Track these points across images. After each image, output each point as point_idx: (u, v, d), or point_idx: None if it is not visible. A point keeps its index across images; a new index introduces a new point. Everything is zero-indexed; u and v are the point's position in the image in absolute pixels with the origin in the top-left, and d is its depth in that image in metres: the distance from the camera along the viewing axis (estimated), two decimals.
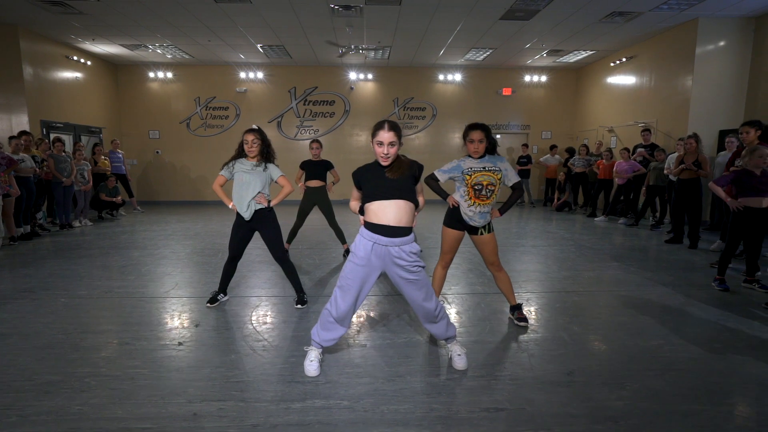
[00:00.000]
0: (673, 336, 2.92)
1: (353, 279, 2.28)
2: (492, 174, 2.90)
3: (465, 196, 2.93)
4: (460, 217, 2.98)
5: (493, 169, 2.91)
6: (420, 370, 2.47)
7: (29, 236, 6.38)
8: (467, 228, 3.02)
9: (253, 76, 10.83)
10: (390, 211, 2.22)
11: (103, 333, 2.95)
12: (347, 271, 2.30)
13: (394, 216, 2.22)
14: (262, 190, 3.30)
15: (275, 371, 2.44)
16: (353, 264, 2.28)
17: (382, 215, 2.22)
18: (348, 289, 2.30)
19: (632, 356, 2.64)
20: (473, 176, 2.89)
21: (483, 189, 2.89)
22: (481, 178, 2.89)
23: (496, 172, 2.91)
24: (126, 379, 2.33)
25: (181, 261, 5.04)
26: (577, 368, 2.48)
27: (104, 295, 3.78)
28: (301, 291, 3.54)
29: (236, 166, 3.32)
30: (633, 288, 4.04)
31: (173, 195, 11.25)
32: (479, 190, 2.89)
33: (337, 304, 2.33)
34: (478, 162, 2.91)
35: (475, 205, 2.92)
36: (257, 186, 3.27)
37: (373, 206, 2.25)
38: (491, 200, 2.94)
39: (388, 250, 2.24)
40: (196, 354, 2.66)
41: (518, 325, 3.12)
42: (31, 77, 8.08)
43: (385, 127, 2.24)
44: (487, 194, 2.90)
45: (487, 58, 10.09)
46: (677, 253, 5.49)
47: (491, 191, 2.91)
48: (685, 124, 7.62)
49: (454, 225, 3.03)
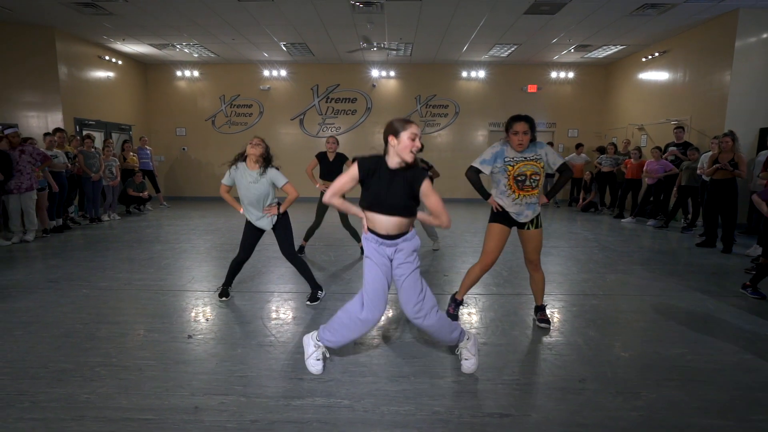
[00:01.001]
0: (698, 345, 2.76)
1: (376, 279, 2.24)
2: (534, 163, 2.76)
3: (507, 190, 2.79)
4: (507, 213, 2.86)
5: (535, 158, 2.77)
6: (425, 370, 2.42)
7: (61, 229, 6.65)
8: (514, 223, 2.90)
9: (277, 74, 10.95)
10: (390, 225, 2.21)
11: (118, 324, 3.03)
12: (369, 276, 2.25)
13: (394, 227, 2.21)
14: (270, 201, 3.33)
15: (279, 367, 2.43)
16: (372, 263, 2.26)
17: (381, 226, 2.22)
18: (376, 292, 2.23)
19: (650, 364, 2.50)
20: (516, 167, 2.75)
21: (527, 179, 2.75)
22: (524, 168, 2.75)
23: (538, 160, 2.77)
24: (134, 370, 2.38)
25: (200, 255, 5.14)
26: (591, 375, 2.38)
27: (124, 287, 3.89)
28: (316, 287, 3.54)
29: (237, 173, 3.29)
30: (657, 293, 3.85)
31: (198, 191, 11.52)
32: (522, 181, 2.76)
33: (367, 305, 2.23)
34: (519, 152, 2.78)
35: (521, 198, 2.78)
36: (264, 198, 3.29)
37: (373, 216, 2.22)
38: (537, 190, 2.80)
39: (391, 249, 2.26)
40: (204, 347, 2.69)
41: (539, 326, 3.02)
42: (66, 77, 8.41)
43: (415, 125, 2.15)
44: (532, 184, 2.77)
45: (512, 54, 9.87)
46: (709, 257, 5.21)
47: (535, 181, 2.77)
48: (722, 121, 7.23)
49: (501, 220, 2.89)
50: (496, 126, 11.19)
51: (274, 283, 4.07)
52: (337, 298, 3.65)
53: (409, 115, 11.13)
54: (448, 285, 4.03)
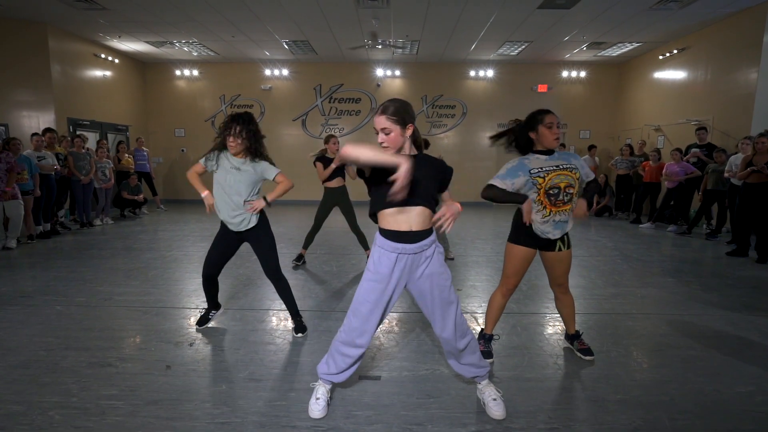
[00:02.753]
0: (765, 381, 2.34)
1: (372, 301, 1.86)
2: (569, 173, 2.29)
3: (537, 206, 2.31)
4: (531, 230, 2.37)
5: (569, 167, 2.30)
6: (444, 415, 2.01)
7: (49, 234, 6.29)
8: (542, 244, 2.42)
9: (278, 74, 10.60)
10: (414, 215, 1.81)
11: (87, 350, 2.64)
12: (363, 292, 1.88)
13: (419, 219, 1.81)
14: (249, 196, 2.70)
15: (268, 410, 2.04)
16: (371, 283, 1.86)
17: (402, 220, 1.81)
18: (365, 314, 1.87)
19: (714, 408, 2.09)
20: (547, 178, 2.26)
21: (560, 193, 2.28)
22: (556, 180, 2.26)
23: (573, 170, 2.30)
24: (95, 414, 1.99)
25: (191, 265, 4.76)
26: (644, 423, 1.96)
27: (102, 303, 3.51)
28: (297, 315, 2.94)
29: (221, 161, 2.69)
30: (699, 311, 3.43)
31: (197, 194, 11.09)
32: (555, 195, 2.28)
33: (350, 328, 1.91)
34: (547, 159, 2.30)
35: (552, 214, 2.31)
36: (243, 189, 2.67)
37: (392, 212, 1.81)
38: (570, 205, 2.34)
39: (413, 258, 1.84)
40: (182, 381, 2.30)
41: (583, 358, 2.58)
42: (59, 75, 8.08)
43: (379, 110, 1.82)
44: (565, 198, 2.29)
45: (522, 52, 9.47)
46: (744, 269, 4.78)
47: (569, 194, 2.30)
48: (749, 121, 6.79)
49: (525, 241, 2.41)
50: (505, 127, 10.74)
51: (269, 298, 3.67)
52: (341, 318, 3.24)
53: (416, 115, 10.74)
54: (462, 302, 3.62)
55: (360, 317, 1.88)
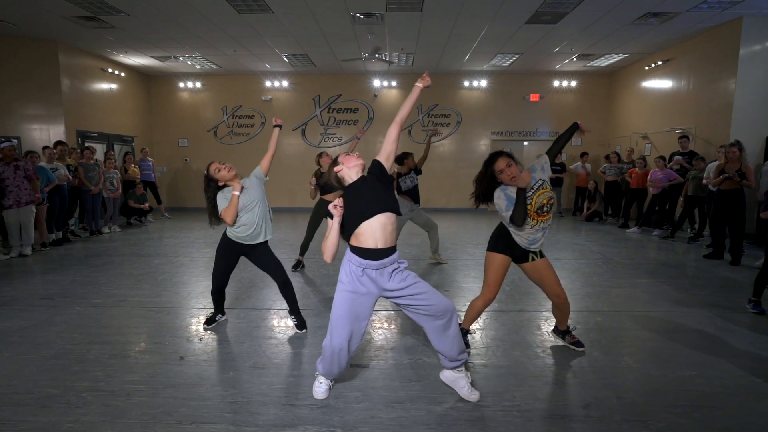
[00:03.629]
0: (707, 367, 2.65)
1: (342, 303, 2.10)
2: (544, 190, 2.59)
3: (529, 220, 2.59)
4: (510, 241, 2.64)
5: (541, 185, 2.60)
6: (423, 396, 2.33)
7: (60, 242, 6.62)
8: (516, 255, 2.69)
9: (278, 85, 10.98)
10: (379, 228, 2.05)
11: (109, 344, 2.96)
12: (337, 302, 2.12)
13: (383, 232, 2.06)
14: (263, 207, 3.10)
15: (272, 392, 2.35)
16: (343, 292, 2.11)
17: (369, 236, 2.05)
18: (339, 322, 2.11)
19: (658, 389, 2.40)
20: (533, 202, 2.56)
21: (545, 206, 2.60)
22: (541, 199, 2.58)
23: (543, 184, 2.60)
24: (122, 395, 2.30)
25: (198, 270, 5.08)
26: (595, 400, 2.27)
27: (118, 304, 3.83)
28: (298, 313, 3.27)
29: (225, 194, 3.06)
30: (665, 309, 3.74)
31: (201, 202, 11.36)
32: (542, 209, 2.59)
33: (332, 338, 2.15)
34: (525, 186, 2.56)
35: (538, 223, 2.59)
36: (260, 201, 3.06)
37: (359, 230, 2.06)
38: (551, 213, 2.66)
39: (379, 273, 2.10)
40: (195, 369, 2.61)
41: (575, 350, 2.88)
42: (68, 89, 8.46)
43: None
44: (549, 210, 2.62)
45: (514, 63, 9.84)
46: (717, 270, 5.09)
47: (551, 205, 2.63)
48: (728, 130, 7.13)
49: (503, 250, 2.66)
50: (499, 135, 11.14)
51: (270, 298, 3.99)
52: None
53: (411, 124, 11.12)
54: None
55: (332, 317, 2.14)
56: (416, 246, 6.31)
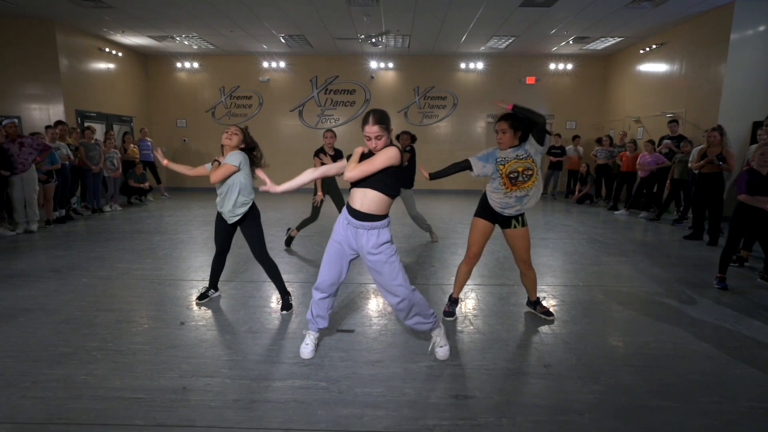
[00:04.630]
0: (663, 334, 2.89)
1: (331, 253, 2.42)
2: (525, 160, 2.80)
3: (501, 187, 2.86)
4: (492, 209, 2.94)
5: (525, 156, 2.80)
6: (401, 356, 2.57)
7: (64, 220, 6.83)
8: (499, 221, 2.97)
9: (276, 66, 11.03)
10: (357, 198, 2.31)
11: (115, 311, 3.20)
12: (328, 247, 2.46)
13: (360, 202, 2.30)
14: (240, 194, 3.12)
15: (263, 352, 2.60)
16: (332, 240, 2.44)
17: (354, 200, 2.33)
18: (327, 262, 2.43)
19: (614, 352, 2.64)
20: (507, 165, 2.83)
21: (519, 175, 2.81)
22: (516, 166, 2.81)
23: (527, 157, 2.80)
24: (128, 354, 2.55)
25: (196, 246, 5.31)
26: (557, 361, 2.52)
27: (122, 276, 4.06)
28: (285, 293, 3.29)
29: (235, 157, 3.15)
30: (636, 284, 3.98)
31: (199, 182, 11.65)
32: (515, 178, 2.82)
33: (321, 274, 2.46)
34: (512, 151, 2.82)
35: (512, 192, 2.84)
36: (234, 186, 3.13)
37: (351, 191, 2.37)
38: (531, 183, 2.83)
39: (357, 231, 2.34)
40: (195, 333, 2.85)
41: (545, 319, 3.13)
42: (66, 69, 8.53)
43: (370, 121, 2.24)
44: (524, 179, 2.81)
45: (510, 45, 9.88)
46: (695, 250, 5.32)
47: (528, 176, 2.81)
48: (716, 114, 7.27)
49: (485, 216, 2.97)
50: (495, 118, 11.08)
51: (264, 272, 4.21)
52: None
53: (408, 106, 11.21)
54: (434, 276, 4.17)
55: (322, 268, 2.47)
56: (410, 225, 6.52)
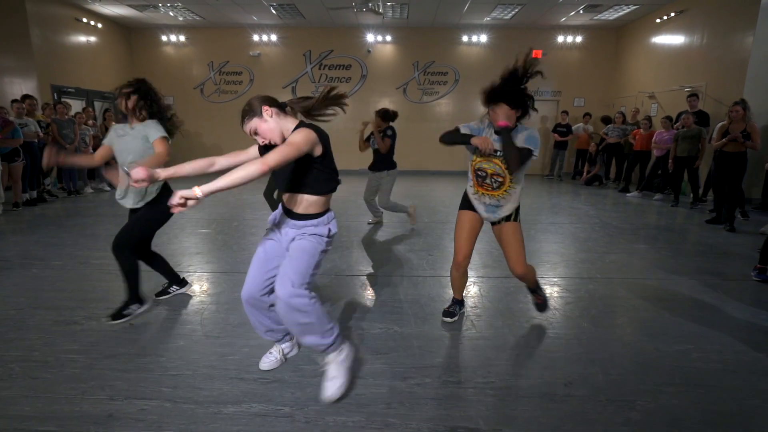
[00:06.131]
0: (704, 340, 2.41)
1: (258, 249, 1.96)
2: (499, 162, 2.19)
3: (470, 179, 2.37)
4: None
5: (501, 155, 2.18)
6: (386, 370, 2.10)
7: (35, 202, 6.34)
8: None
9: (267, 39, 10.36)
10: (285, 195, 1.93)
11: (56, 309, 2.73)
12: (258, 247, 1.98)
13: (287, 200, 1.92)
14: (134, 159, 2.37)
15: (220, 364, 2.13)
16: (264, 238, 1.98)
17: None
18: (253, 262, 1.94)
19: (650, 365, 2.17)
20: (476, 159, 2.27)
21: (487, 177, 2.25)
22: (485, 165, 2.23)
23: (499, 157, 2.19)
24: (54, 367, 2.08)
25: (172, 230, 4.82)
26: (579, 377, 2.05)
27: (78, 266, 3.58)
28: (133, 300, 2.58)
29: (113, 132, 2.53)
30: (661, 276, 3.49)
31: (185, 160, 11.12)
32: (483, 178, 2.27)
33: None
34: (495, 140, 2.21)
35: (479, 195, 2.31)
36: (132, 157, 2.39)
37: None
38: (501, 192, 2.24)
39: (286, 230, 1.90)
40: (143, 337, 2.39)
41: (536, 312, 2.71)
42: (39, 40, 7.91)
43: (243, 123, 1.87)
44: (494, 185, 2.24)
45: (516, 16, 9.19)
46: (719, 235, 4.82)
47: (497, 182, 2.22)
48: (741, 87, 6.67)
49: (467, 205, 2.41)
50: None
51: (239, 261, 3.74)
52: None
53: (407, 82, 10.57)
54: (431, 266, 3.69)
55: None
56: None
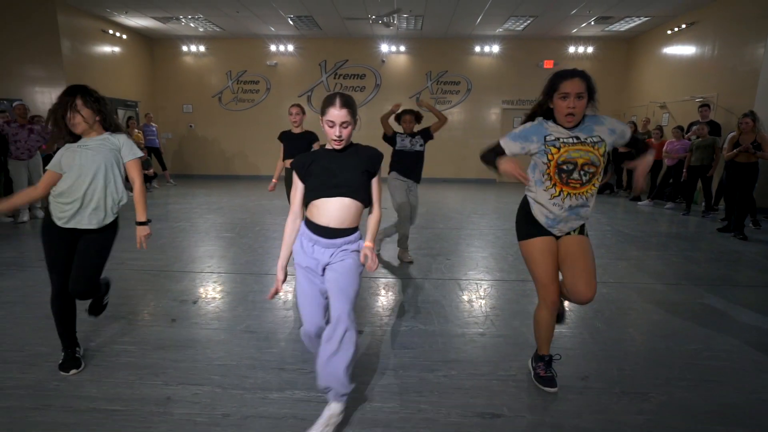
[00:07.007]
0: (714, 341, 2.54)
1: (302, 286, 1.78)
2: (591, 148, 1.82)
3: (544, 181, 1.90)
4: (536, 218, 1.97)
5: (592, 141, 1.83)
6: (415, 363, 2.26)
7: None
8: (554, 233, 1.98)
9: (284, 49, 10.65)
10: (335, 209, 1.74)
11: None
12: (298, 280, 1.81)
13: (338, 214, 1.74)
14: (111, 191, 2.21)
15: (262, 356, 2.31)
16: (299, 268, 1.79)
17: (322, 213, 1.74)
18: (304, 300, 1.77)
19: (661, 362, 2.30)
20: (562, 150, 1.84)
21: (575, 170, 1.83)
22: (574, 154, 1.82)
23: (596, 144, 1.83)
24: (111, 355, 2.28)
25: (198, 235, 5.04)
26: (595, 372, 2.19)
27: (116, 267, 3.80)
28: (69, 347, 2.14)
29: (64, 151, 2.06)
30: (672, 282, 3.61)
31: (205, 169, 11.43)
32: (569, 173, 1.84)
33: (303, 320, 1.79)
34: (569, 131, 1.86)
35: (562, 196, 1.87)
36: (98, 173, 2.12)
37: (315, 204, 1.76)
38: (590, 187, 1.87)
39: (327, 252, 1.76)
40: (187, 332, 2.58)
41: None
42: (69, 51, 8.27)
43: (337, 104, 1.74)
44: (582, 178, 1.84)
45: (528, 27, 9.37)
46: (730, 243, 4.91)
47: (588, 174, 1.84)
48: (752, 98, 6.77)
49: (534, 231, 1.98)
50: (510, 104, 10.77)
51: (267, 263, 3.94)
52: None
53: (420, 92, 10.78)
54: (449, 271, 3.85)
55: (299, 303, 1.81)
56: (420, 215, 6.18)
